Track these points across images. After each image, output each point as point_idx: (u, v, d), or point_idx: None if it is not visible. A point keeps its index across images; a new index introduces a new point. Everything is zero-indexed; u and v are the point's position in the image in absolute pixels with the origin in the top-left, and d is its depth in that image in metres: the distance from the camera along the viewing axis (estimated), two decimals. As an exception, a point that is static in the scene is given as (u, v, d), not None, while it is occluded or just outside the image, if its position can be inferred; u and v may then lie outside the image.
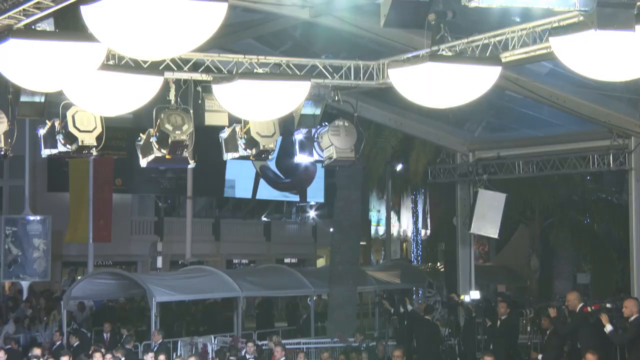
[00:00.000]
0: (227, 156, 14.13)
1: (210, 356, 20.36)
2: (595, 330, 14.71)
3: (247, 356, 18.12)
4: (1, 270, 31.80)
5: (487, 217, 19.76)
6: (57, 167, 33.06)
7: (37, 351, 17.52)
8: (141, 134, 13.26)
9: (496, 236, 20.67)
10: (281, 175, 40.90)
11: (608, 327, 13.99)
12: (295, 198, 44.43)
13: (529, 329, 18.61)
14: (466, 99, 10.51)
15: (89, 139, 12.19)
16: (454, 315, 20.07)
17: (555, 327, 15.45)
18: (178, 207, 42.06)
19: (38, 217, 32.14)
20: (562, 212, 26.18)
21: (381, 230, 49.19)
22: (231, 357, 18.07)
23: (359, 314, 28.37)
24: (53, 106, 12.22)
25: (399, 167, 34.82)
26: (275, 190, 41.79)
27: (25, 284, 31.70)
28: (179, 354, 20.83)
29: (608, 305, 14.15)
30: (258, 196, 42.12)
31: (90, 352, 17.54)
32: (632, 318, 13.76)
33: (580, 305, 14.94)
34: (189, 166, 13.83)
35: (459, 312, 19.89)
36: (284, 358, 18.13)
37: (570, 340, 15.56)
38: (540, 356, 15.58)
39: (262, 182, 40.93)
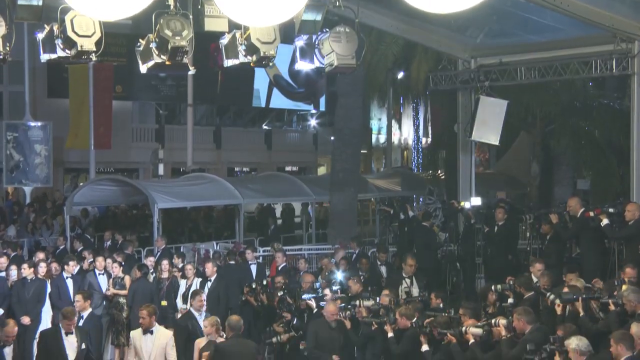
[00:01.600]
0: (228, 63, 14.00)
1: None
2: (596, 235, 14.85)
3: (249, 262, 18.33)
4: (4, 175, 31.95)
5: (488, 124, 19.71)
6: (56, 73, 32.89)
7: (40, 255, 17.75)
8: (140, 40, 13.15)
9: (497, 143, 20.68)
10: (294, 85, 40.85)
11: (605, 221, 14.11)
12: (308, 107, 44.44)
13: (528, 234, 18.75)
14: (468, 4, 10.37)
15: (88, 44, 12.05)
16: (454, 221, 20.23)
17: (556, 232, 15.55)
18: (179, 114, 42.02)
19: (39, 123, 32.14)
20: (563, 118, 26.10)
21: (382, 138, 49.27)
22: (231, 261, 18.29)
23: (360, 221, 28.57)
24: (52, 10, 12.07)
25: (400, 74, 34.61)
26: (288, 99, 41.85)
27: (27, 190, 31.91)
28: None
29: (610, 210, 14.23)
30: (272, 105, 42.27)
31: (86, 256, 17.84)
32: (632, 221, 13.89)
33: (582, 210, 15.04)
34: (189, 72, 13.74)
35: (459, 219, 20.04)
36: (284, 264, 18.35)
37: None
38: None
39: (275, 91, 40.91)
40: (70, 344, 11.42)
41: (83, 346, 11.52)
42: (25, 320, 15.43)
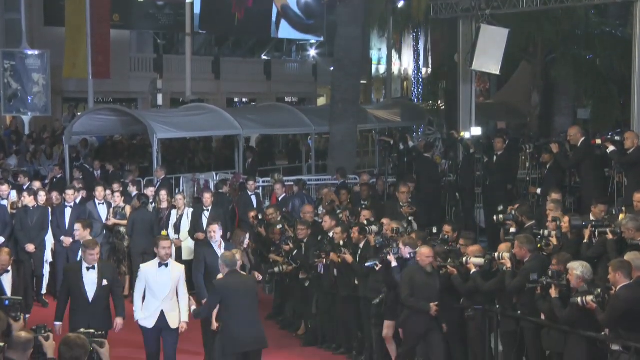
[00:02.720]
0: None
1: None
2: (597, 163, 14.84)
3: (249, 193, 18.34)
4: (2, 104, 31.73)
5: (489, 53, 19.56)
6: (53, 1, 32.50)
7: (37, 184, 17.76)
8: (138, -34, 12.96)
9: (498, 72, 20.57)
10: (302, 16, 40.52)
11: (611, 148, 14.09)
12: (319, 39, 44.16)
13: (527, 164, 18.72)
14: None
15: (84, -30, 11.89)
16: (454, 152, 20.18)
17: (557, 161, 15.50)
18: (177, 44, 41.63)
19: (36, 52, 31.81)
20: (565, 47, 25.84)
21: (382, 69, 48.99)
22: (220, 190, 18.27)
23: (359, 152, 28.51)
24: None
25: (401, 3, 34.27)
26: (296, 31, 41.60)
27: (26, 119, 31.76)
28: (181, 190, 21.14)
29: (617, 138, 14.17)
30: (280, 35, 42.09)
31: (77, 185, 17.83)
32: (633, 149, 13.87)
33: (582, 139, 14.98)
34: (187, 0, 13.57)
35: (458, 149, 19.99)
36: (284, 194, 18.37)
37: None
38: (539, 190, 15.71)
39: (283, 21, 40.61)
40: (90, 279, 10.77)
41: (104, 282, 10.82)
42: (30, 247, 15.53)
